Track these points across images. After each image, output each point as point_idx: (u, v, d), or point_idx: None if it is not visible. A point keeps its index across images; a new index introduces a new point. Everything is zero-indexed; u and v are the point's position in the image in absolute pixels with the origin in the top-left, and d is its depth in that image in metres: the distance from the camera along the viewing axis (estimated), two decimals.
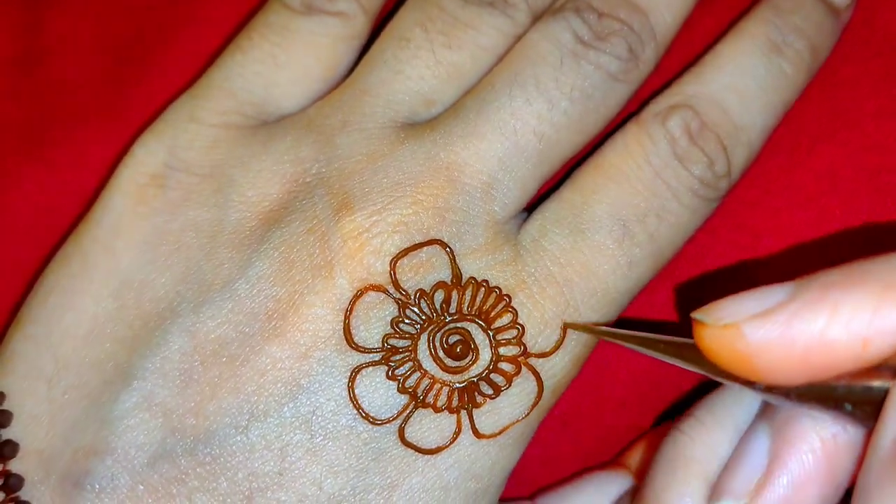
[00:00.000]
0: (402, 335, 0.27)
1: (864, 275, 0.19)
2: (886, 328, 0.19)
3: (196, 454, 0.26)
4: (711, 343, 0.21)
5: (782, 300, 0.20)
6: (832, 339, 0.19)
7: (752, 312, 0.20)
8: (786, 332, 0.19)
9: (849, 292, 0.19)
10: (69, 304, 0.28)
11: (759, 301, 0.20)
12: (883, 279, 0.19)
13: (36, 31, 0.33)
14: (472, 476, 0.27)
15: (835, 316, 0.19)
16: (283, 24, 0.30)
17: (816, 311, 0.19)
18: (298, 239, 0.27)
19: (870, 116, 0.31)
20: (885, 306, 0.19)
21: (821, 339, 0.19)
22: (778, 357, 0.20)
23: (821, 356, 0.19)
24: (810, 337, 0.19)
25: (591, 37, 0.29)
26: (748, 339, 0.20)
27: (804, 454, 0.22)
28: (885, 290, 0.19)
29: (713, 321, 0.21)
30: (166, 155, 0.29)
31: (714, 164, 0.28)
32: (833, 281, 0.19)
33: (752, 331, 0.20)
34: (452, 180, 0.27)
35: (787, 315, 0.20)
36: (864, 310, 0.19)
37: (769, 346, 0.20)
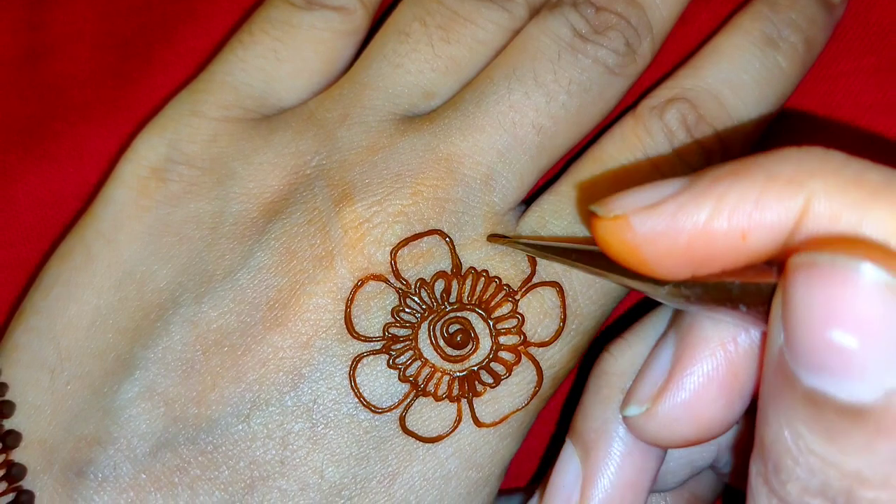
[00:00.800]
0: (403, 324, 0.27)
1: (750, 167, 0.19)
2: (766, 221, 0.18)
3: (198, 443, 0.26)
4: (604, 235, 0.20)
5: (672, 192, 0.19)
6: (713, 231, 0.19)
7: (642, 204, 0.20)
8: (671, 224, 0.19)
9: (733, 184, 0.18)
10: (72, 295, 0.28)
11: (651, 194, 0.20)
12: (768, 171, 0.18)
13: (39, 27, 0.34)
14: (472, 465, 0.27)
15: (718, 207, 0.18)
16: (284, 19, 0.30)
17: (701, 203, 0.19)
18: (299, 230, 0.27)
19: (865, 110, 0.31)
20: (766, 198, 0.18)
21: (703, 231, 0.19)
22: (664, 248, 0.19)
23: (703, 248, 0.19)
24: (694, 228, 0.19)
25: (589, 31, 0.29)
26: (636, 230, 0.20)
27: (704, 358, 0.22)
28: (768, 182, 0.18)
29: (605, 213, 0.20)
30: (168, 148, 0.29)
31: (710, 157, 0.29)
32: (721, 173, 0.19)
33: (639, 222, 0.20)
34: (452, 171, 0.28)
35: (674, 206, 0.19)
36: (745, 202, 0.18)
37: (655, 238, 0.19)
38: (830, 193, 0.17)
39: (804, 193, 0.18)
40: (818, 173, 0.18)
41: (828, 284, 0.16)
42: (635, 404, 0.23)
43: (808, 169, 0.18)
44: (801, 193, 0.18)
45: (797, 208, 0.18)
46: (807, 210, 0.18)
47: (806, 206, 0.18)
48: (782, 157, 0.18)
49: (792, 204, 0.18)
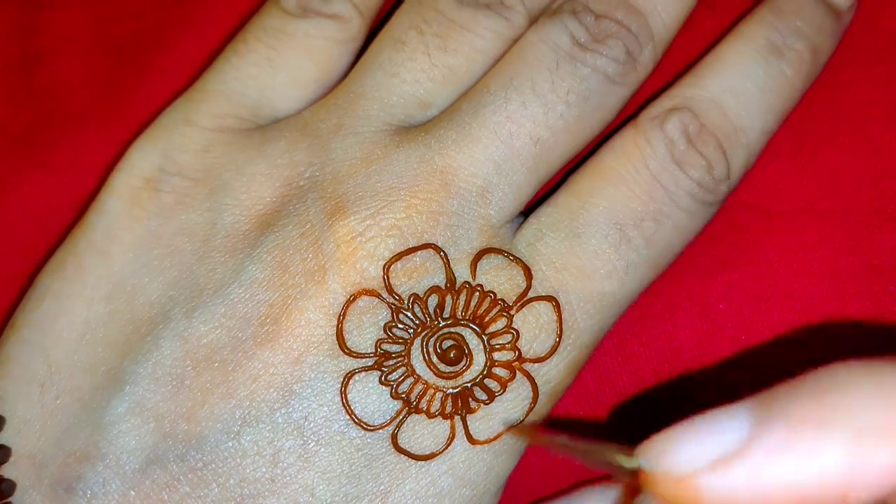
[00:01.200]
0: (396, 340, 0.26)
1: (832, 413, 0.16)
2: (866, 478, 0.16)
3: (187, 460, 0.26)
4: (665, 493, 0.18)
5: (741, 439, 0.17)
6: (807, 493, 0.16)
7: (708, 458, 0.17)
8: (752, 487, 0.17)
9: (819, 437, 0.16)
10: (62, 308, 0.28)
11: (713, 441, 0.17)
12: (854, 419, 0.16)
13: (34, 34, 0.34)
14: (466, 483, 0.27)
15: (806, 467, 0.16)
16: (279, 27, 0.30)
17: (784, 461, 0.16)
18: (292, 243, 0.27)
19: (873, 121, 0.31)
20: (861, 455, 0.16)
21: (795, 493, 0.16)
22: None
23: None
24: (782, 491, 0.16)
25: (588, 39, 0.28)
26: (706, 492, 0.17)
27: None
28: (861, 435, 0.16)
29: (665, 470, 0.18)
30: (161, 158, 0.29)
31: (713, 167, 0.28)
32: (795, 418, 0.17)
33: (713, 484, 0.17)
34: (447, 184, 0.27)
35: (750, 464, 0.17)
36: (838, 459, 0.16)
37: (733, 498, 0.17)
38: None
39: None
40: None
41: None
42: None
43: None
44: None
45: None
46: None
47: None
48: (864, 398, 0.16)
49: (891, 458, 0.16)
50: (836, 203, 0.30)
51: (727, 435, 0.17)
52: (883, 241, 0.30)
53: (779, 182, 0.30)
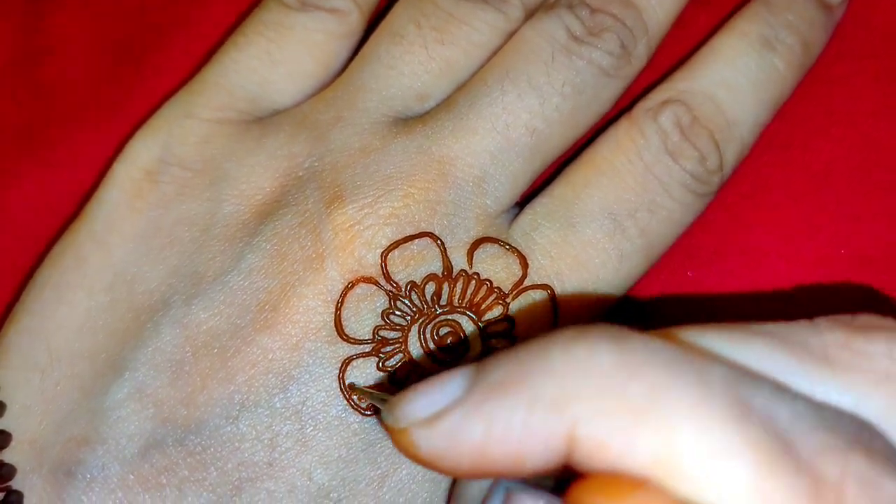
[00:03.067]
0: (393, 327, 0.27)
1: (517, 384, 0.17)
2: (535, 446, 0.17)
3: (186, 444, 0.26)
4: (396, 444, 0.19)
5: (452, 399, 0.18)
6: (491, 451, 0.17)
7: (423, 415, 0.19)
8: (450, 441, 0.18)
9: (503, 401, 0.17)
10: (63, 297, 0.28)
11: (431, 399, 0.19)
12: (532, 391, 0.17)
13: (34, 32, 0.34)
14: None
15: (489, 427, 0.17)
16: (279, 21, 0.30)
17: (474, 421, 0.18)
18: (290, 231, 0.27)
19: (865, 114, 0.31)
20: (531, 424, 0.17)
21: (482, 450, 0.18)
22: (451, 463, 0.18)
23: (485, 466, 0.18)
24: (471, 447, 0.18)
25: (584, 32, 0.29)
26: (420, 447, 0.19)
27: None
28: (532, 406, 0.17)
29: (392, 422, 0.19)
30: (161, 150, 0.29)
31: (706, 159, 0.28)
32: (495, 383, 0.18)
33: (421, 438, 0.19)
34: (444, 174, 0.27)
35: (450, 423, 0.18)
36: (512, 426, 0.17)
37: (440, 454, 0.18)
38: (594, 419, 0.16)
39: (567, 421, 0.16)
40: (580, 395, 0.17)
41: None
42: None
43: (571, 389, 0.17)
44: (564, 421, 0.17)
45: (563, 435, 0.17)
46: (573, 436, 0.16)
47: (572, 434, 0.16)
48: (547, 367, 0.17)
49: (558, 431, 0.17)
50: (829, 195, 0.31)
51: (446, 393, 0.18)
52: (875, 233, 0.30)
53: (771, 174, 0.31)
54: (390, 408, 0.20)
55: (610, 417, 0.16)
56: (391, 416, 0.20)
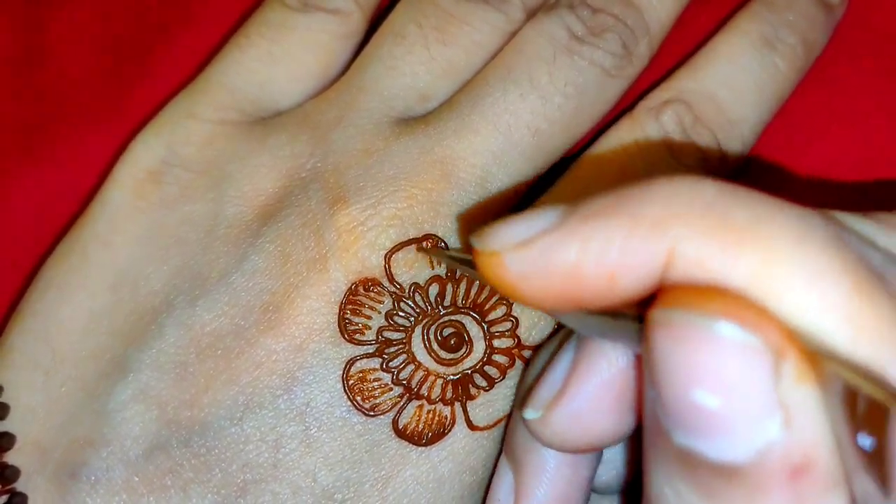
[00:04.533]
0: (397, 328, 0.27)
1: (617, 206, 0.18)
2: (632, 265, 0.17)
3: (191, 445, 0.26)
4: (481, 269, 0.20)
5: (544, 228, 0.18)
6: (582, 272, 0.18)
7: (516, 240, 0.19)
8: (542, 264, 0.18)
9: (600, 224, 0.17)
10: (67, 297, 0.28)
11: (524, 227, 0.19)
12: (633, 212, 0.17)
13: (37, 31, 0.34)
14: (466, 468, 0.27)
15: (584, 249, 0.17)
16: (281, 22, 0.30)
17: (569, 243, 0.18)
18: (294, 232, 0.27)
19: (865, 113, 0.31)
20: (630, 242, 0.17)
21: (573, 272, 0.18)
22: (538, 287, 0.18)
23: (575, 288, 0.18)
24: (563, 268, 0.18)
25: (585, 32, 0.29)
26: (509, 269, 0.19)
27: (598, 370, 0.21)
28: (633, 225, 0.17)
29: (481, 246, 0.19)
30: (164, 151, 0.29)
31: (707, 159, 0.28)
32: (589, 211, 0.18)
33: (512, 260, 0.19)
34: (447, 174, 0.27)
35: (544, 244, 0.18)
36: (611, 244, 0.17)
37: (529, 276, 0.19)
38: (695, 237, 0.16)
39: (668, 238, 0.17)
40: (683, 215, 0.17)
41: (686, 345, 0.16)
42: (531, 408, 0.23)
43: (674, 210, 0.17)
44: (665, 238, 0.17)
45: (662, 253, 0.17)
46: (672, 255, 0.17)
47: (671, 251, 0.17)
48: (649, 194, 0.17)
49: (656, 248, 0.17)
50: (829, 195, 0.31)
51: (539, 222, 0.19)
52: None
53: (772, 173, 0.31)
54: (481, 234, 0.20)
55: (711, 237, 0.16)
56: (481, 241, 0.20)
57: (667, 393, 0.16)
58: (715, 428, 0.15)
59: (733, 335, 0.15)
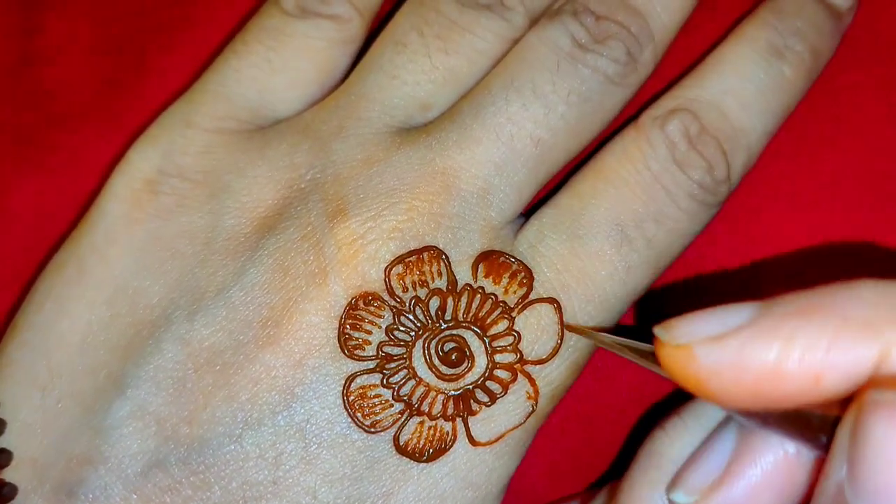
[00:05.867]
0: (397, 343, 0.26)
1: (822, 305, 0.18)
2: (840, 366, 0.17)
3: (189, 463, 0.26)
4: (667, 361, 0.20)
5: (740, 324, 0.19)
6: (783, 371, 0.18)
7: (708, 334, 0.19)
8: (737, 360, 0.18)
9: (805, 323, 0.18)
10: (64, 310, 0.28)
11: (717, 322, 0.19)
12: (841, 311, 0.18)
13: (33, 35, 0.33)
14: (468, 484, 0.27)
15: (787, 348, 0.18)
16: (278, 28, 0.30)
17: (770, 341, 0.18)
18: (293, 246, 0.27)
19: (873, 122, 0.31)
20: (839, 343, 0.17)
21: (773, 371, 0.18)
22: (729, 382, 0.19)
23: (773, 387, 0.18)
24: (762, 367, 0.18)
25: (589, 40, 0.28)
26: (700, 362, 0.19)
27: (763, 464, 0.21)
28: (843, 324, 0.17)
29: (669, 339, 0.20)
30: (161, 160, 0.29)
31: (713, 168, 0.28)
32: (792, 309, 0.18)
33: (704, 354, 0.19)
34: (448, 186, 0.27)
35: (740, 341, 0.18)
36: (818, 344, 0.18)
37: (721, 371, 0.19)
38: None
39: (881, 342, 0.17)
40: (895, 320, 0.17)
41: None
42: (684, 491, 0.22)
43: (885, 314, 0.17)
44: (878, 340, 0.17)
45: (874, 356, 0.17)
46: (885, 357, 0.17)
47: (884, 354, 0.17)
48: (856, 296, 0.18)
49: (868, 349, 0.17)
50: (837, 205, 0.30)
51: (732, 318, 0.19)
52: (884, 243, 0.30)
53: (779, 184, 0.30)
54: (668, 326, 0.20)
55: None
56: (669, 333, 0.20)
57: (870, 474, 0.16)
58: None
59: None
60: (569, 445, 0.31)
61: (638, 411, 0.31)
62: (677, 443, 0.24)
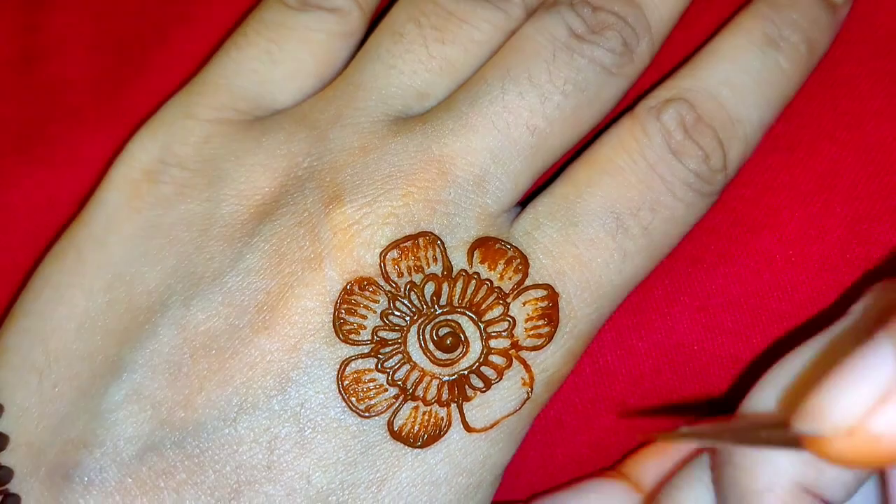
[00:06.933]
0: (392, 327, 0.26)
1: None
2: None
3: (184, 447, 0.26)
4: (841, 454, 0.17)
5: (892, 372, 0.17)
6: None
7: (869, 401, 0.17)
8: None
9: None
10: (62, 297, 0.28)
11: (868, 383, 0.17)
12: None
13: (33, 31, 0.34)
14: (462, 471, 0.26)
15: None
16: (279, 20, 0.30)
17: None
18: (289, 232, 0.27)
19: (870, 116, 0.31)
20: None
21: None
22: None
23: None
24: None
25: (585, 30, 0.29)
26: (885, 432, 0.16)
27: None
28: None
29: (832, 430, 0.17)
30: (160, 150, 0.29)
31: (709, 157, 0.28)
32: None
33: (882, 423, 0.16)
34: (444, 173, 0.27)
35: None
36: None
37: None
38: None
39: None
40: None
41: None
42: None
43: None
44: None
45: None
46: None
47: None
48: None
49: None
50: (834, 197, 0.30)
51: (876, 372, 0.17)
52: (881, 235, 0.30)
53: (777, 176, 0.30)
54: (814, 414, 0.17)
55: None
56: (824, 423, 0.17)
57: None
58: None
59: None
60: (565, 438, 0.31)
61: (636, 403, 0.31)
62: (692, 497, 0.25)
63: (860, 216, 0.30)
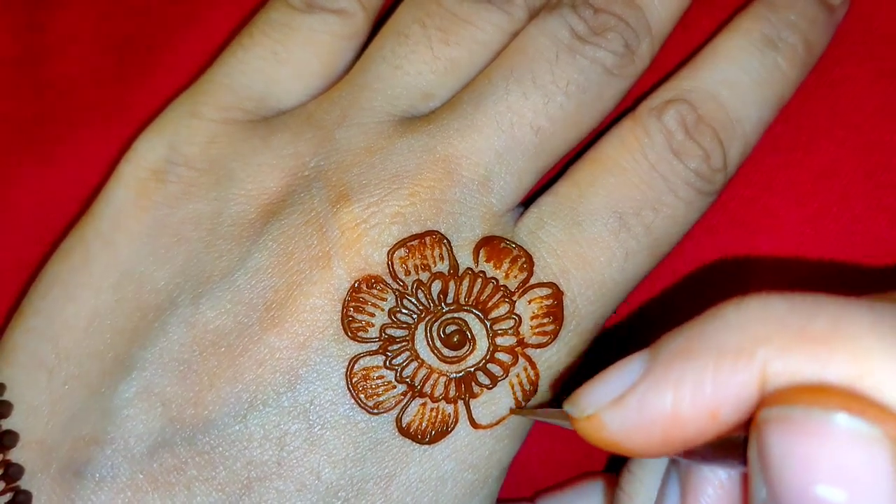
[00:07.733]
0: (400, 325, 0.27)
1: (698, 340, 0.18)
2: (729, 397, 0.18)
3: (195, 443, 0.26)
4: (583, 434, 0.20)
5: (635, 380, 0.19)
6: (682, 416, 0.18)
7: (611, 398, 0.19)
8: (640, 416, 0.19)
9: (688, 363, 0.18)
10: (70, 296, 0.28)
11: (616, 382, 0.19)
12: (715, 346, 0.18)
13: (39, 30, 0.34)
14: (468, 466, 0.27)
15: (679, 392, 0.18)
16: (285, 22, 0.30)
17: (663, 390, 0.18)
18: (296, 230, 0.27)
19: (867, 115, 0.31)
20: (721, 377, 0.18)
21: (673, 418, 0.18)
22: (641, 439, 0.19)
23: (679, 432, 0.18)
24: (662, 417, 0.18)
25: (587, 32, 0.29)
26: (609, 428, 0.19)
27: (706, 495, 0.22)
28: (719, 360, 0.18)
29: (578, 413, 0.20)
30: (167, 150, 0.29)
31: (710, 157, 0.28)
32: (674, 351, 0.18)
33: (610, 419, 0.19)
34: (449, 172, 0.28)
35: (637, 397, 0.19)
36: (702, 384, 0.18)
37: (630, 431, 0.19)
38: (783, 357, 0.17)
39: (757, 362, 0.17)
40: (765, 338, 0.17)
41: (804, 438, 0.16)
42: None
43: (754, 336, 0.17)
44: (753, 363, 0.17)
45: (755, 378, 0.17)
46: (765, 376, 0.17)
47: (763, 374, 0.17)
48: (723, 324, 0.18)
49: (748, 375, 0.17)
50: (832, 196, 0.31)
51: (626, 376, 0.19)
52: (878, 234, 0.30)
53: (776, 176, 0.31)
54: (574, 400, 0.20)
55: (798, 350, 0.17)
56: (576, 407, 0.20)
57: (784, 490, 0.16)
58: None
59: (853, 427, 0.16)
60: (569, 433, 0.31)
61: None
62: (636, 499, 0.25)
63: (858, 215, 0.30)
